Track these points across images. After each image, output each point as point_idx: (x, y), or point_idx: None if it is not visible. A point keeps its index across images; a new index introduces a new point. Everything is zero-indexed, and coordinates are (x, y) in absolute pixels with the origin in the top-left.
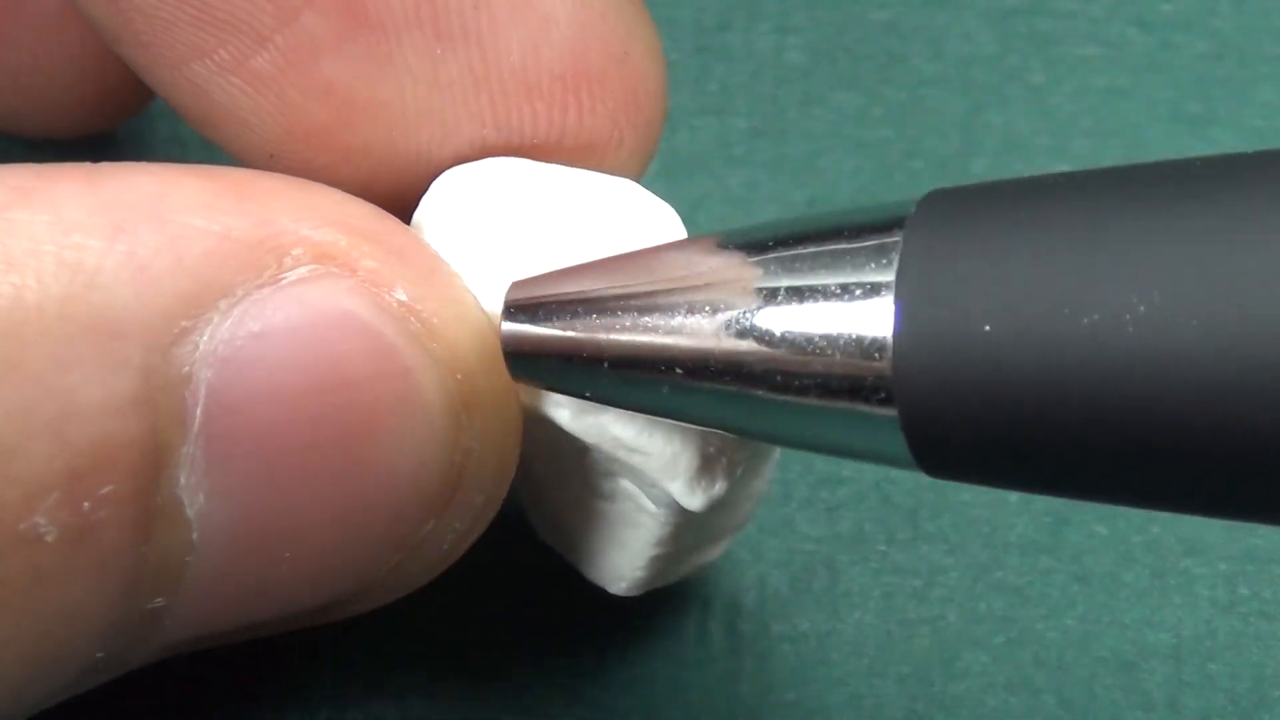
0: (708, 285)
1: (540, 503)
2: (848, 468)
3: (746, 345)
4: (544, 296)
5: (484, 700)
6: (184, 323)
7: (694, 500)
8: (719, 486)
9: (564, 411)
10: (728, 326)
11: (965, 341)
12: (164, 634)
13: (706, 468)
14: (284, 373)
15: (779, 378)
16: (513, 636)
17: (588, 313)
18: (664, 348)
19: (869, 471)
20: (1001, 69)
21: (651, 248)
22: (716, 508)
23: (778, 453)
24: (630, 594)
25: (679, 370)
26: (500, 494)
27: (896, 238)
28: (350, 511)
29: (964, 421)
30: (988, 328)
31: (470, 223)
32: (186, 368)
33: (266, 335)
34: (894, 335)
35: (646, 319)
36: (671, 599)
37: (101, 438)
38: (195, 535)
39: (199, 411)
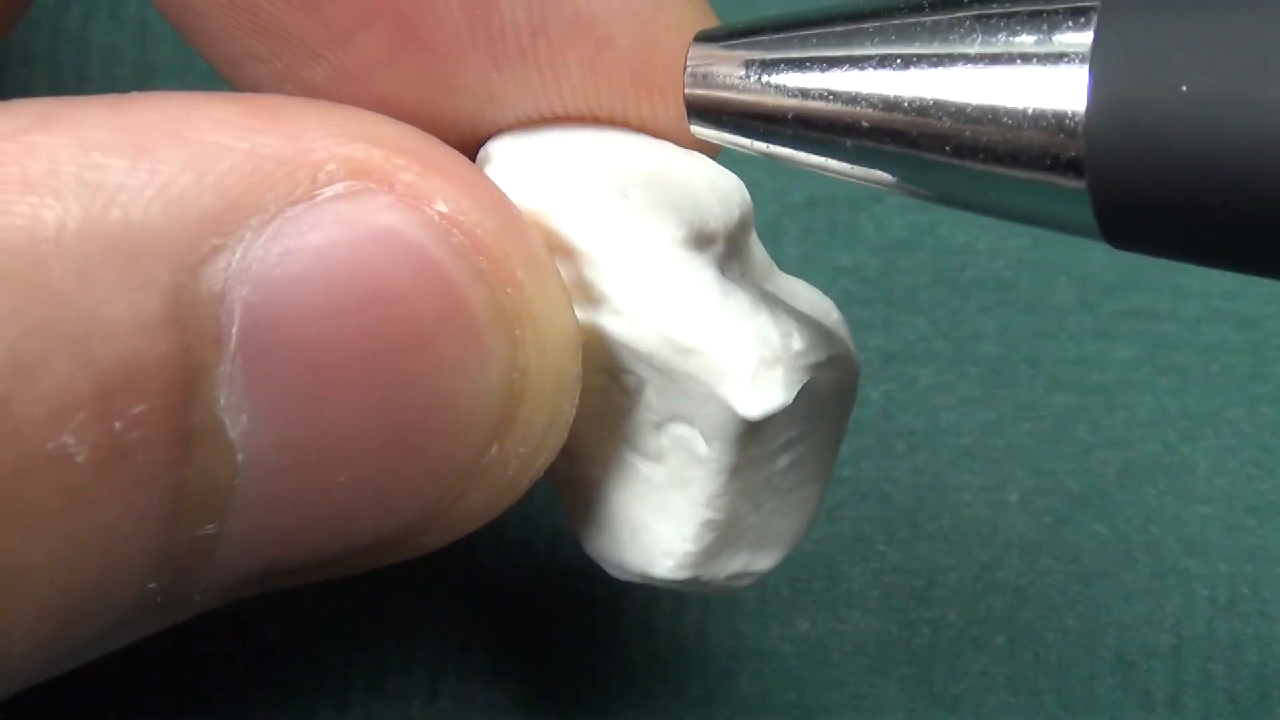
0: (899, 40)
1: (577, 491)
2: (848, 467)
3: (934, 105)
4: (733, 31)
5: (484, 701)
6: (214, 240)
7: (751, 405)
8: (777, 395)
9: (618, 319)
10: (918, 85)
11: (1159, 108)
12: (221, 566)
13: (764, 372)
14: (323, 290)
15: (965, 141)
16: (513, 637)
17: (777, 48)
18: (855, 100)
19: (869, 471)
20: None
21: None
22: (769, 492)
23: (838, 454)
24: (675, 578)
25: (865, 124)
26: (565, 415)
27: (1094, 2)
28: (404, 433)
29: (1153, 192)
30: (1184, 88)
31: (529, 154)
32: (219, 286)
33: (304, 252)
34: (1087, 103)
35: (837, 71)
36: (671, 599)
37: (130, 356)
38: (240, 457)
39: (235, 330)
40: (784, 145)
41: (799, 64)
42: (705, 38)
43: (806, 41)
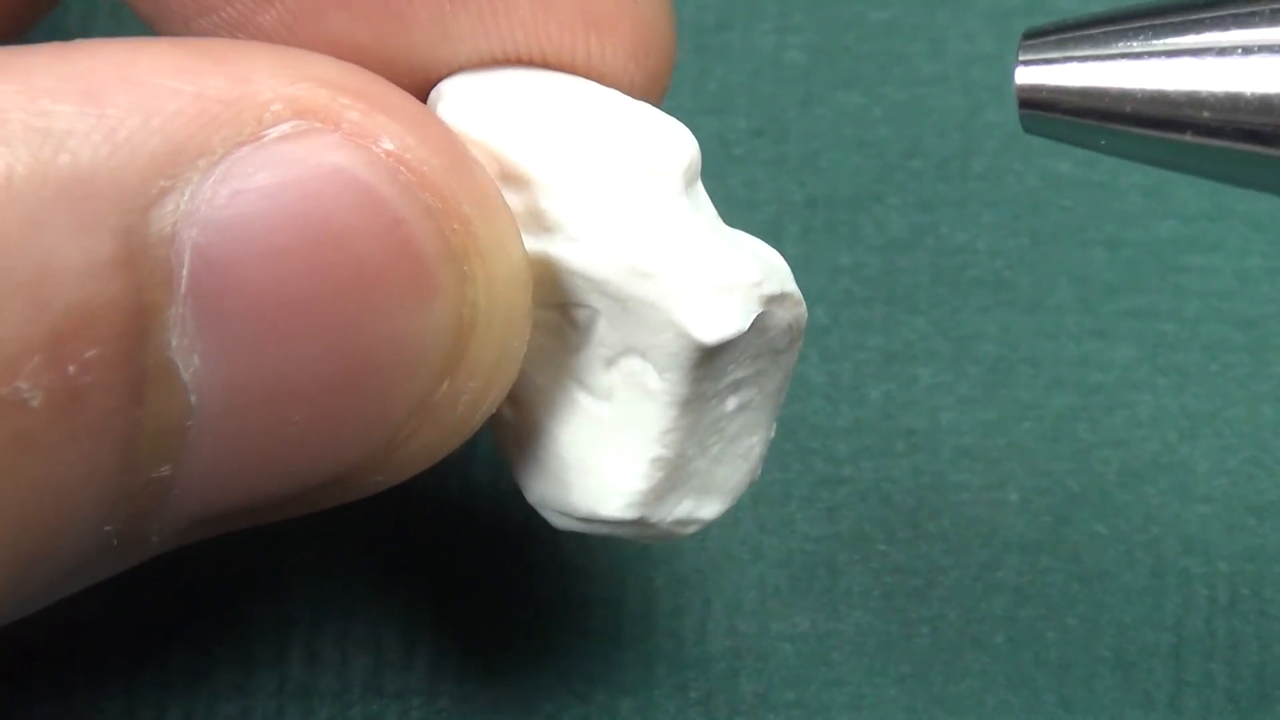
0: (1237, 27)
1: (522, 436)
2: (847, 467)
3: (1276, 99)
4: (1066, 28)
5: (484, 700)
6: (162, 183)
7: (708, 329)
8: (734, 320)
9: (574, 246)
10: (1262, 77)
11: None
12: (177, 508)
13: (721, 296)
14: (271, 229)
15: None
16: (513, 636)
17: (1110, 42)
18: (1195, 94)
19: (869, 471)
20: (1001, 69)
21: None
22: (715, 436)
23: (780, 406)
24: (623, 517)
25: (1206, 116)
26: (515, 351)
27: None
28: (356, 370)
29: None
30: None
31: (482, 89)
32: (168, 228)
33: (251, 193)
34: None
35: (1175, 64)
36: (672, 599)
37: (82, 300)
38: (193, 398)
39: (185, 271)
40: (1116, 141)
41: (1134, 57)
42: (1034, 33)
43: (1140, 34)
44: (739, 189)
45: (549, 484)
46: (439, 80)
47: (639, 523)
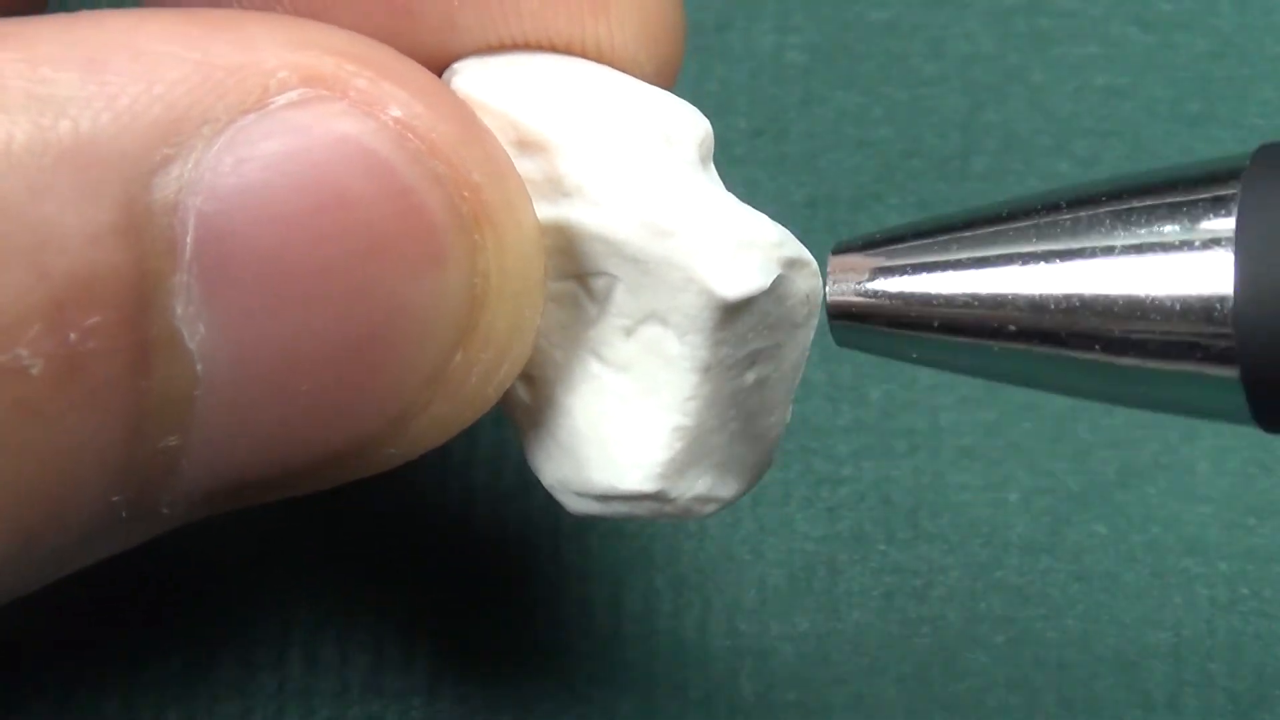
0: (1040, 239)
1: (538, 417)
2: (847, 467)
3: (1081, 303)
4: (875, 242)
5: (484, 700)
6: (165, 150)
7: (730, 284)
8: (755, 277)
9: (594, 209)
10: (1063, 283)
11: None
12: (187, 479)
13: (742, 253)
14: (277, 198)
15: (1114, 339)
16: (513, 636)
17: (917, 254)
18: (1001, 302)
19: (869, 471)
20: (1001, 69)
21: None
22: (735, 411)
23: (795, 387)
24: (643, 489)
25: (1012, 327)
26: (529, 320)
27: (1233, 190)
28: (364, 341)
29: None
30: None
31: (497, 64)
32: (171, 196)
33: (256, 160)
34: (1235, 290)
35: (981, 274)
36: (672, 599)
37: (83, 267)
38: (200, 367)
39: (189, 240)
40: (928, 351)
41: (941, 267)
42: (843, 248)
43: (946, 246)
44: (739, 189)
45: (566, 463)
46: (450, 63)
47: (658, 496)
